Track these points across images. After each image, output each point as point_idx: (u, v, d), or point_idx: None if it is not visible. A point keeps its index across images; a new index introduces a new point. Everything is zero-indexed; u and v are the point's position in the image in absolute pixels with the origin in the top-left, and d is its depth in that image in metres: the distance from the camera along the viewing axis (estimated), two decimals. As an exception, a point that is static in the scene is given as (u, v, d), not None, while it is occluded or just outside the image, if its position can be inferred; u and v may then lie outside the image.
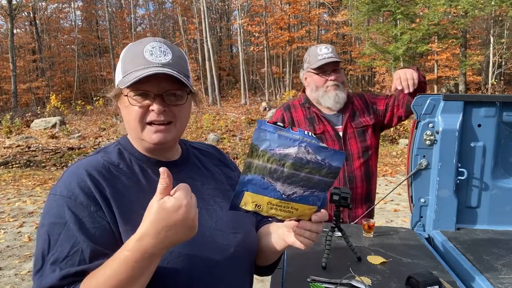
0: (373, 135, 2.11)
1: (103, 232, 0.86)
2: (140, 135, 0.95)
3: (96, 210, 0.87)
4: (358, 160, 2.05)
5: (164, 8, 32.30)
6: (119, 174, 0.94)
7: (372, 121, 2.10)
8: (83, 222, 0.85)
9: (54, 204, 0.88)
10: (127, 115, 0.95)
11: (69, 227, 0.84)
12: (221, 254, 0.95)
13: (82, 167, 0.92)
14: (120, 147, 1.01)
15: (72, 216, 0.85)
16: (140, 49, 0.93)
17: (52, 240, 0.84)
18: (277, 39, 22.73)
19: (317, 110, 2.08)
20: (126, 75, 0.92)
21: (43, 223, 0.88)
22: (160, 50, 0.93)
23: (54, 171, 9.12)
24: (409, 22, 13.82)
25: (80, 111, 19.12)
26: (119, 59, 0.99)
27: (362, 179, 2.06)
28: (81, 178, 0.90)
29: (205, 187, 1.05)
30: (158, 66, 0.91)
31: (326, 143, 2.00)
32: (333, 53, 2.03)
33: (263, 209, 0.87)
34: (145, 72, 0.88)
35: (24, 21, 28.56)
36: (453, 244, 1.66)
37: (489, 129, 1.79)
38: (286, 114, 2.11)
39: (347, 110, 2.09)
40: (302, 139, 0.82)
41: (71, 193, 0.87)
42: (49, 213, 0.87)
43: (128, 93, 0.92)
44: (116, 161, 0.97)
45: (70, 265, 0.82)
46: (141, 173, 0.97)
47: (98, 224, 0.86)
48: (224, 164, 1.17)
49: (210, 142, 11.00)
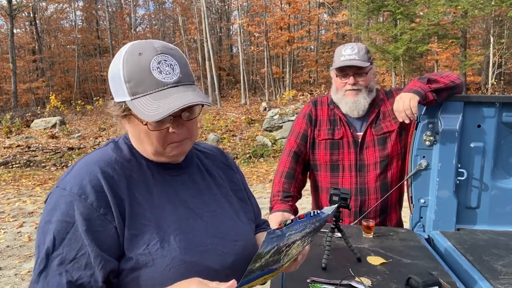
0: (397, 141, 1.94)
1: (108, 237, 0.84)
2: (161, 153, 0.93)
3: (105, 213, 0.84)
4: (374, 171, 1.93)
5: (164, 8, 32.29)
6: (131, 172, 0.92)
7: (398, 124, 1.91)
8: (91, 224, 0.83)
9: (63, 201, 0.84)
10: (145, 137, 0.91)
11: (77, 227, 0.82)
12: (221, 263, 0.94)
13: (95, 163, 0.89)
14: (129, 144, 0.98)
15: (80, 217, 0.82)
16: (145, 64, 0.85)
17: (58, 239, 0.81)
18: (277, 39, 22.71)
19: (340, 113, 1.97)
20: (137, 97, 0.85)
21: (49, 220, 0.84)
22: (166, 64, 0.86)
23: (54, 171, 9.13)
24: (409, 22, 13.81)
25: (80, 111, 19.13)
26: (116, 64, 0.88)
27: (376, 191, 1.93)
28: (94, 176, 0.86)
29: (207, 191, 1.03)
30: (172, 86, 0.86)
31: (342, 150, 1.94)
32: (358, 54, 1.86)
33: (256, 284, 0.89)
34: (172, 104, 0.82)
35: (24, 21, 28.54)
36: (453, 244, 1.66)
37: (489, 129, 1.80)
38: (312, 110, 2.02)
39: (372, 114, 1.95)
40: (306, 224, 0.85)
41: (82, 191, 0.84)
42: (56, 210, 0.84)
43: (147, 123, 0.87)
44: (128, 157, 0.95)
45: (76, 268, 0.81)
46: (150, 173, 0.95)
47: (105, 228, 0.84)
48: (228, 166, 1.16)
49: (210, 142, 11.00)
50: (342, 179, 1.95)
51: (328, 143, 1.96)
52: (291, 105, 13.11)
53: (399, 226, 2.03)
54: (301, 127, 2.03)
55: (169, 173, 0.98)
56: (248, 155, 10.04)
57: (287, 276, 1.37)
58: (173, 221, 0.91)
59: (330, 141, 1.96)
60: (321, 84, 22.22)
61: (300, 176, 2.03)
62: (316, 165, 2.01)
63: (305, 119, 2.02)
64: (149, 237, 0.87)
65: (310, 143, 2.00)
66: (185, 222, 0.93)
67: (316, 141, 1.99)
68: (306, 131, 2.01)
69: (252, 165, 9.51)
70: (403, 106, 1.69)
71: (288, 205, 1.92)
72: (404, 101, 1.69)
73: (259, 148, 10.54)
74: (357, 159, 1.94)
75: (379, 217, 1.97)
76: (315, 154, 2.00)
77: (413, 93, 1.70)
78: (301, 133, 2.02)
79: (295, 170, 2.00)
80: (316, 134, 1.99)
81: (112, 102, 0.92)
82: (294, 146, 2.01)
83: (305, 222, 0.83)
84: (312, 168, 2.04)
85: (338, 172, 1.96)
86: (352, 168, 1.94)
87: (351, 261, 1.47)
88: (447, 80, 1.76)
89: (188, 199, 0.98)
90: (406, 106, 1.68)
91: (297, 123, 2.06)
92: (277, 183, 1.99)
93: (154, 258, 0.86)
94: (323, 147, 1.97)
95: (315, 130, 2.00)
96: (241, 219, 1.06)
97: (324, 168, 1.99)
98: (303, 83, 24.53)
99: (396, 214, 2.04)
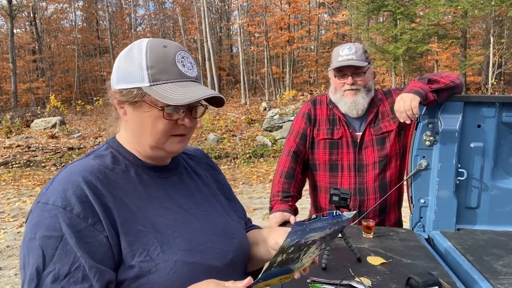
0: (396, 141, 1.94)
1: (99, 247, 0.81)
2: (160, 145, 0.92)
3: (94, 223, 0.81)
4: (372, 171, 1.93)
5: (164, 8, 32.30)
6: (115, 179, 0.90)
7: (397, 123, 1.92)
8: (81, 236, 0.80)
9: (47, 215, 0.80)
10: (149, 126, 0.90)
11: (66, 241, 0.78)
12: (221, 260, 0.94)
13: (77, 174, 0.86)
14: (112, 150, 0.96)
15: (68, 229, 0.79)
16: (171, 55, 0.88)
17: (48, 255, 0.78)
18: (277, 39, 22.72)
19: (339, 113, 1.97)
20: (158, 83, 0.87)
21: (32, 236, 0.79)
22: (187, 60, 0.91)
23: (54, 171, 9.13)
24: (409, 22, 13.81)
25: (80, 111, 19.13)
26: (133, 53, 0.90)
27: (375, 191, 1.93)
28: (77, 186, 0.83)
29: (197, 192, 1.04)
30: (192, 80, 0.90)
31: (341, 150, 1.95)
32: (356, 54, 1.86)
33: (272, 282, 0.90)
34: (200, 92, 0.86)
35: (24, 21, 28.55)
36: (453, 244, 1.66)
37: (489, 129, 1.79)
38: (311, 109, 2.02)
39: (370, 114, 1.95)
40: (328, 224, 0.86)
41: (66, 203, 0.80)
42: (40, 225, 0.80)
43: (165, 107, 0.87)
44: (111, 165, 0.92)
45: (73, 283, 0.77)
46: (137, 178, 0.94)
47: (95, 238, 0.81)
48: (212, 167, 1.17)
49: (210, 142, 11.01)
50: (341, 179, 1.95)
51: (327, 142, 1.96)
52: (291, 105, 13.11)
53: (397, 226, 2.04)
54: (300, 126, 2.03)
55: (158, 175, 0.97)
56: (248, 155, 10.04)
57: (287, 276, 1.37)
58: (169, 224, 0.91)
59: (329, 141, 1.96)
60: (321, 84, 22.21)
61: (300, 176, 2.03)
62: (315, 164, 2.01)
63: (304, 119, 2.02)
64: (148, 242, 0.86)
65: (309, 142, 2.00)
66: (182, 224, 0.93)
67: (315, 140, 1.99)
68: (305, 130, 2.01)
69: (252, 165, 9.51)
70: (404, 106, 1.69)
71: (288, 205, 1.91)
72: (405, 101, 1.69)
73: (259, 148, 10.54)
74: (356, 159, 1.94)
75: (378, 217, 1.97)
76: (314, 153, 2.00)
77: (414, 93, 1.70)
78: (300, 132, 2.02)
79: (295, 170, 2.00)
80: (315, 133, 1.99)
81: (117, 89, 0.90)
82: (294, 145, 2.01)
83: (328, 221, 0.84)
84: (311, 168, 2.04)
85: (337, 172, 1.96)
86: (351, 168, 1.94)
87: (351, 261, 1.47)
88: (447, 80, 1.76)
89: (181, 200, 0.98)
90: (407, 106, 1.68)
91: (296, 122, 2.06)
92: (277, 183, 1.99)
93: (157, 263, 0.85)
94: (322, 147, 1.97)
95: (314, 130, 2.00)
96: (232, 217, 1.08)
97: (323, 168, 1.99)
98: (303, 83, 24.53)
99: (395, 214, 2.04)
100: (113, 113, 0.98)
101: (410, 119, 1.70)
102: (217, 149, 10.30)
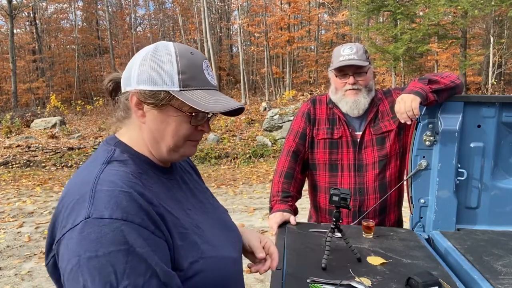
0: (396, 140, 1.94)
1: (164, 253, 0.81)
2: (177, 149, 0.92)
3: (154, 230, 0.80)
4: (372, 171, 1.93)
5: (164, 8, 32.29)
6: (149, 184, 0.88)
7: (396, 123, 1.92)
8: (148, 244, 0.77)
9: (107, 230, 0.75)
10: (171, 131, 0.90)
11: (135, 252, 0.75)
12: (236, 251, 1.00)
13: (120, 184, 0.81)
14: (127, 154, 0.92)
15: (135, 240, 0.76)
16: (199, 63, 0.90)
17: (119, 271, 0.73)
18: (277, 39, 22.72)
19: (339, 112, 1.97)
20: (188, 89, 0.87)
21: (93, 255, 0.73)
22: (209, 70, 0.93)
23: (54, 171, 9.13)
24: (409, 22, 13.81)
25: (80, 111, 19.13)
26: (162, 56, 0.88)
27: (375, 191, 1.93)
28: (129, 196, 0.79)
29: (196, 190, 1.06)
30: (216, 89, 0.93)
31: (341, 150, 1.94)
32: (357, 54, 1.86)
33: None
34: (231, 104, 0.90)
35: (24, 21, 28.55)
36: (453, 244, 1.66)
37: (489, 129, 1.79)
38: (311, 109, 2.02)
39: (371, 113, 1.95)
40: None
41: (126, 215, 0.76)
42: (102, 241, 0.74)
43: (193, 113, 0.89)
44: (138, 170, 0.89)
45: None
46: (159, 181, 0.93)
47: (159, 244, 0.80)
48: (192, 167, 1.18)
49: (210, 142, 11.00)
50: (341, 179, 1.95)
51: (327, 142, 1.96)
52: (291, 105, 13.11)
53: (398, 226, 2.04)
54: (299, 126, 2.02)
55: (168, 177, 0.98)
56: (248, 155, 10.04)
57: (287, 276, 1.37)
58: (200, 222, 0.95)
59: (329, 141, 1.96)
60: (321, 84, 22.21)
61: (300, 176, 2.03)
62: (314, 164, 2.01)
63: (303, 118, 2.02)
64: (194, 243, 0.88)
65: (309, 142, 2.00)
66: (205, 221, 0.97)
67: (315, 140, 1.99)
68: (305, 130, 2.01)
69: (252, 165, 9.51)
70: (405, 107, 1.69)
71: (288, 205, 1.91)
72: (406, 102, 1.69)
73: (259, 148, 10.54)
74: (355, 159, 1.94)
75: (378, 217, 1.97)
76: (314, 153, 1.99)
77: (415, 94, 1.70)
78: (300, 132, 2.01)
79: (294, 169, 2.00)
80: (315, 133, 1.99)
81: (138, 89, 0.88)
82: (293, 145, 2.01)
83: None
84: (310, 168, 2.04)
85: (337, 172, 1.96)
86: (351, 168, 1.94)
87: (351, 261, 1.47)
88: (447, 80, 1.76)
89: (192, 199, 1.01)
90: (407, 107, 1.68)
91: (296, 122, 2.05)
92: (276, 183, 1.99)
93: (207, 262, 0.88)
94: (321, 147, 1.97)
95: (314, 129, 1.99)
96: (223, 211, 1.13)
97: (322, 168, 1.99)
98: (303, 83, 24.53)
99: (395, 214, 2.04)
100: (120, 112, 0.95)
101: (411, 119, 1.70)
102: (217, 149, 10.31)
